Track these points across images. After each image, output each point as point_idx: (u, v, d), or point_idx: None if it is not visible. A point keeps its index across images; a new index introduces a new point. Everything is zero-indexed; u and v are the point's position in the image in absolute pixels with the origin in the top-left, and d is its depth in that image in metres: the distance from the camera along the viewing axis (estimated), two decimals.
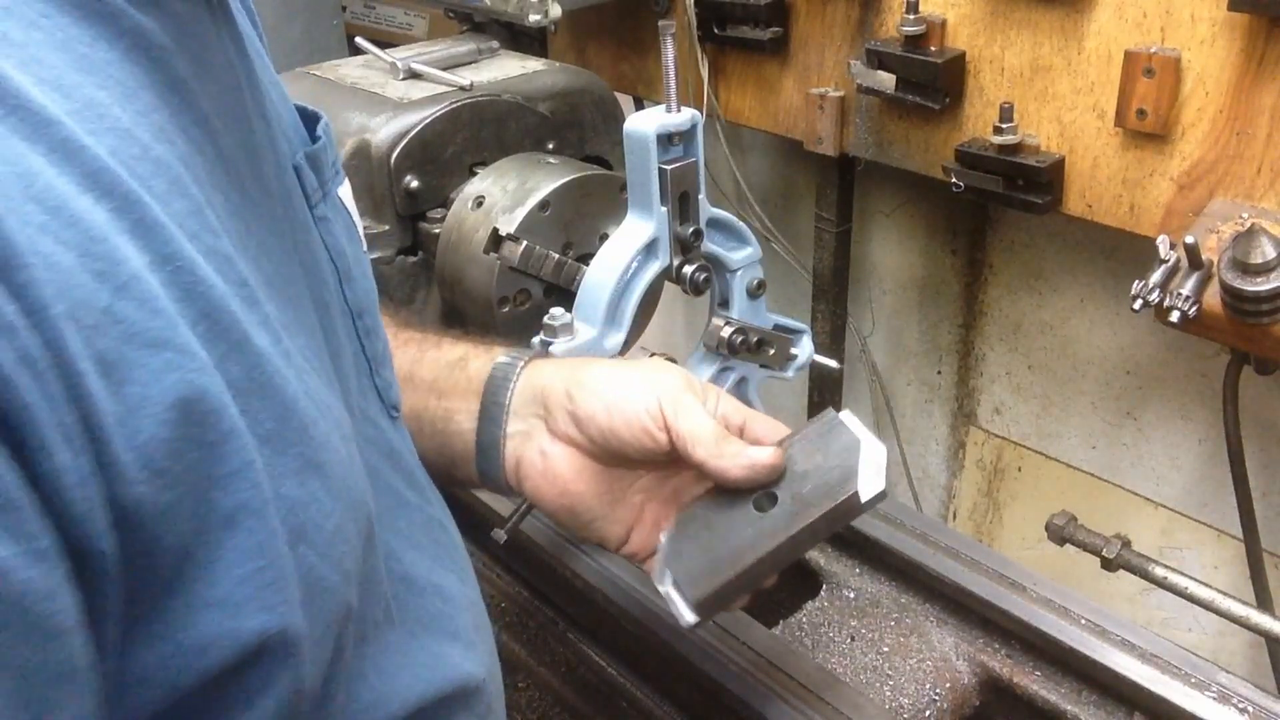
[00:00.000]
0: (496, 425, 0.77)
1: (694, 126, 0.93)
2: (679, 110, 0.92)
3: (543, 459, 0.75)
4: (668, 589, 0.71)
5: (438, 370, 0.81)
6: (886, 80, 1.28)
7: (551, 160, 1.17)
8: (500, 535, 0.93)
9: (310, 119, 0.61)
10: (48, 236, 0.33)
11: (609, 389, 0.73)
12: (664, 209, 0.94)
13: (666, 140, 0.92)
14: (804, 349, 1.09)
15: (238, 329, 0.40)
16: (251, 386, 0.40)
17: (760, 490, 0.72)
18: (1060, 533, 1.23)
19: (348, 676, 0.48)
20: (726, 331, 1.03)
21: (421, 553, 0.59)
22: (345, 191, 0.64)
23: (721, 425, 0.72)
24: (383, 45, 1.31)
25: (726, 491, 0.73)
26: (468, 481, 0.80)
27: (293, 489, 0.42)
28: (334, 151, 0.63)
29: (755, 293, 1.05)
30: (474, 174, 1.18)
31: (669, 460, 0.73)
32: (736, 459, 0.70)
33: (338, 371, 0.54)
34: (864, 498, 0.70)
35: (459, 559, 0.65)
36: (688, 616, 0.70)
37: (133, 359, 0.35)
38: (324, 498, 0.43)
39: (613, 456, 0.74)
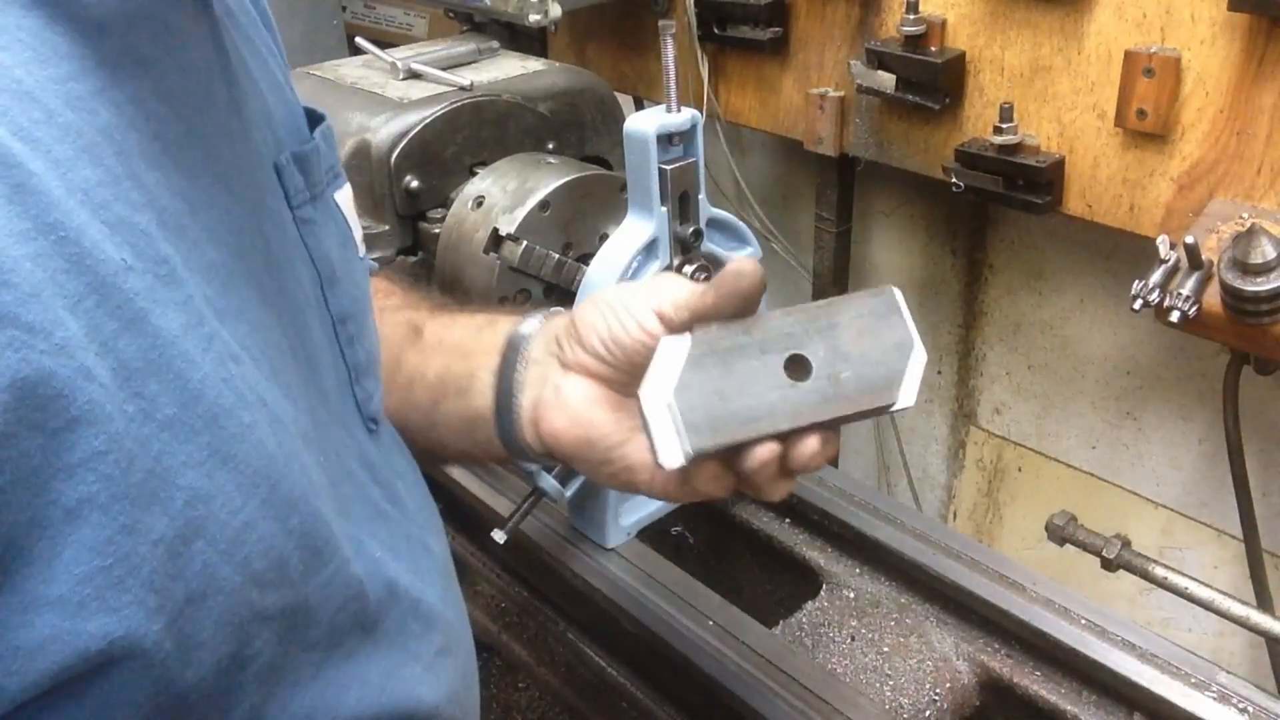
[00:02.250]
0: (513, 370, 0.76)
1: (694, 126, 0.93)
2: (679, 110, 0.92)
3: (555, 394, 0.74)
4: (659, 409, 0.61)
5: (465, 333, 0.80)
6: (886, 80, 1.28)
7: (551, 160, 1.17)
8: (500, 535, 0.93)
9: (314, 120, 0.61)
10: None
11: (605, 298, 0.72)
12: (664, 209, 0.94)
13: (666, 140, 0.92)
14: None
15: (132, 306, 0.38)
16: (147, 367, 0.38)
17: (792, 349, 0.64)
18: (1060, 533, 1.23)
19: (273, 683, 0.46)
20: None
21: (403, 563, 0.57)
22: (344, 197, 0.63)
23: None
24: (383, 45, 1.31)
25: (758, 334, 0.64)
26: (488, 447, 0.78)
27: (194, 479, 0.40)
28: (332, 156, 0.62)
29: None
30: (474, 174, 1.18)
31: None
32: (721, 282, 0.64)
33: (312, 374, 0.53)
34: (898, 406, 0.66)
35: (444, 579, 0.63)
36: (674, 457, 0.60)
37: None
38: (232, 491, 0.41)
39: (624, 370, 0.71)
